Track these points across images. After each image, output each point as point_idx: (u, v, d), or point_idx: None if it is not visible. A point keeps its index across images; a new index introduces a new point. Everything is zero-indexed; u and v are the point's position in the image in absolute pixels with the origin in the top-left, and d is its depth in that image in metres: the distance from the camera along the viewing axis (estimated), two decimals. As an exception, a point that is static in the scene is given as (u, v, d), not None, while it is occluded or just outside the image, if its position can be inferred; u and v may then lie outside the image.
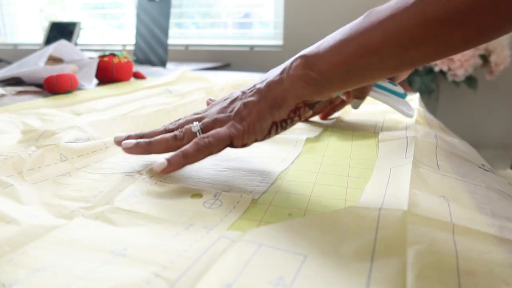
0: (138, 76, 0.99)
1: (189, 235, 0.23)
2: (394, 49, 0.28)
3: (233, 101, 0.36)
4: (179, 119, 0.38)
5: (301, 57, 0.33)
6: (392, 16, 0.28)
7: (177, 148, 0.34)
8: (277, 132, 0.35)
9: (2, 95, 0.72)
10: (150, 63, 1.77)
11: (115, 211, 0.26)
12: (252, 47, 2.03)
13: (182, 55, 2.14)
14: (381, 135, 0.45)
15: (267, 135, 0.34)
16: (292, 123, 0.35)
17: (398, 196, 0.27)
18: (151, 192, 0.30)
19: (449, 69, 1.47)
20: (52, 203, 0.28)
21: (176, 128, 0.36)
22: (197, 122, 0.35)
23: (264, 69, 1.29)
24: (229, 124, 0.34)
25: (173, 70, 1.21)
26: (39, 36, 2.51)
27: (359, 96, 0.49)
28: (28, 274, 0.19)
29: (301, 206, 0.28)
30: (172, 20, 2.13)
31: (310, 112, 0.34)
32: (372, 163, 0.38)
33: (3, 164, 0.32)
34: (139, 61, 1.84)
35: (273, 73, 0.35)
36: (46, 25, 2.24)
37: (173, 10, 2.06)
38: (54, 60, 0.91)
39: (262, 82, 0.35)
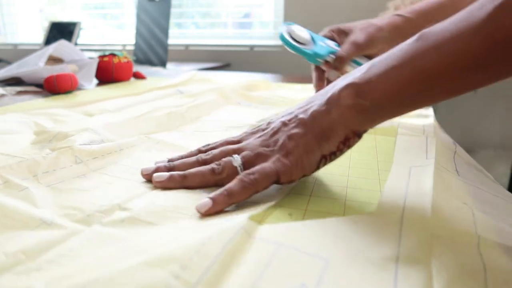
0: (138, 76, 0.99)
1: (207, 229, 0.23)
2: (456, 73, 0.27)
3: (275, 132, 0.33)
4: (210, 146, 0.36)
5: (350, 85, 0.30)
6: (454, 38, 0.26)
7: (214, 182, 0.32)
8: (324, 165, 0.32)
9: (2, 95, 0.72)
10: (150, 63, 1.77)
11: (133, 221, 0.25)
12: (252, 47, 2.03)
13: (182, 55, 2.14)
14: (400, 130, 0.44)
15: (315, 169, 0.32)
16: (341, 154, 0.32)
17: (421, 200, 0.26)
18: (169, 198, 0.29)
19: (449, 69, 1.47)
20: (68, 206, 0.27)
21: (211, 159, 0.34)
22: (238, 156, 0.32)
23: (264, 69, 1.29)
24: (274, 158, 0.31)
25: (184, 72, 1.21)
26: (39, 36, 2.51)
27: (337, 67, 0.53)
28: (43, 283, 0.18)
29: (301, 206, 0.28)
30: (172, 20, 2.13)
31: (358, 140, 0.32)
32: (372, 163, 0.38)
33: (18, 167, 0.32)
34: (139, 61, 1.84)
35: (316, 102, 0.33)
36: (46, 25, 2.24)
37: (173, 10, 2.06)
38: (54, 60, 0.91)
39: (304, 111, 0.33)
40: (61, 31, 2.10)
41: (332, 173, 0.35)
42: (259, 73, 1.15)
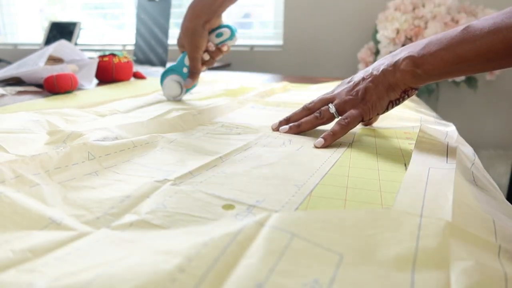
0: (138, 76, 0.99)
1: (217, 225, 0.22)
2: (483, 61, 0.38)
3: (356, 85, 0.47)
4: (313, 101, 0.50)
5: (409, 57, 0.43)
6: (485, 36, 0.37)
7: (318, 125, 0.48)
8: (392, 107, 0.47)
9: (2, 95, 0.72)
10: (150, 63, 1.77)
11: (142, 225, 0.25)
12: (252, 47, 2.03)
13: (182, 55, 2.14)
14: (421, 133, 0.44)
15: (386, 110, 0.47)
16: (403, 100, 0.47)
17: (440, 203, 0.26)
18: (180, 202, 0.28)
19: (449, 69, 1.47)
20: (78, 206, 0.27)
21: (313, 107, 0.49)
22: (332, 104, 0.47)
23: (265, 69, 1.29)
24: (358, 106, 0.46)
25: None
26: (39, 36, 2.50)
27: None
28: (44, 281, 0.18)
29: (301, 206, 0.28)
30: (172, 20, 2.13)
31: (415, 92, 0.46)
32: (372, 163, 0.38)
33: (31, 161, 0.31)
34: (139, 61, 1.84)
35: (386, 62, 0.46)
36: (46, 25, 2.24)
37: (173, 10, 2.06)
38: (54, 60, 0.91)
39: (377, 69, 0.46)
40: (61, 31, 2.10)
41: (332, 173, 0.35)
42: (259, 73, 1.15)
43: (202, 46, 0.65)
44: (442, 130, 0.49)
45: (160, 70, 1.33)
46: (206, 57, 0.66)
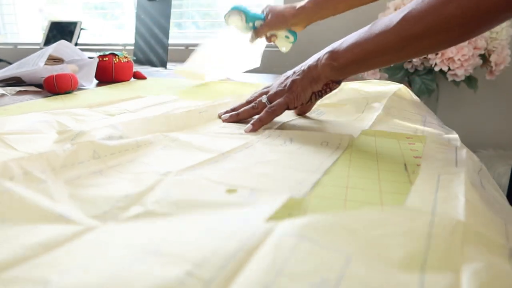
0: (138, 76, 0.99)
1: (224, 227, 0.23)
2: (385, 53, 0.44)
3: (287, 78, 0.54)
4: (255, 93, 0.58)
5: (328, 52, 0.49)
6: (383, 32, 0.43)
7: (254, 114, 0.54)
8: (316, 99, 0.53)
9: (2, 95, 0.72)
10: (150, 63, 1.77)
11: (149, 215, 0.26)
12: (252, 47, 2.03)
13: (182, 55, 2.14)
14: (428, 139, 0.43)
15: (309, 101, 0.53)
16: (326, 93, 0.53)
17: (452, 204, 0.26)
18: (184, 189, 0.30)
19: (449, 69, 1.47)
20: (85, 203, 0.28)
21: (253, 100, 0.56)
22: (265, 96, 0.54)
23: (264, 69, 1.29)
24: (285, 95, 0.52)
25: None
26: (39, 36, 2.50)
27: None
28: (57, 276, 0.18)
29: (301, 206, 0.28)
30: (172, 20, 2.13)
31: (337, 86, 0.52)
32: (372, 163, 0.38)
33: (39, 158, 0.32)
34: (139, 61, 1.84)
35: (313, 58, 0.52)
36: (46, 25, 2.23)
37: (173, 10, 2.06)
38: (54, 60, 0.91)
39: (306, 65, 0.53)
40: (61, 31, 2.10)
41: (332, 173, 0.35)
42: (258, 73, 1.15)
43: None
44: (445, 136, 0.48)
45: (160, 70, 1.33)
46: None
